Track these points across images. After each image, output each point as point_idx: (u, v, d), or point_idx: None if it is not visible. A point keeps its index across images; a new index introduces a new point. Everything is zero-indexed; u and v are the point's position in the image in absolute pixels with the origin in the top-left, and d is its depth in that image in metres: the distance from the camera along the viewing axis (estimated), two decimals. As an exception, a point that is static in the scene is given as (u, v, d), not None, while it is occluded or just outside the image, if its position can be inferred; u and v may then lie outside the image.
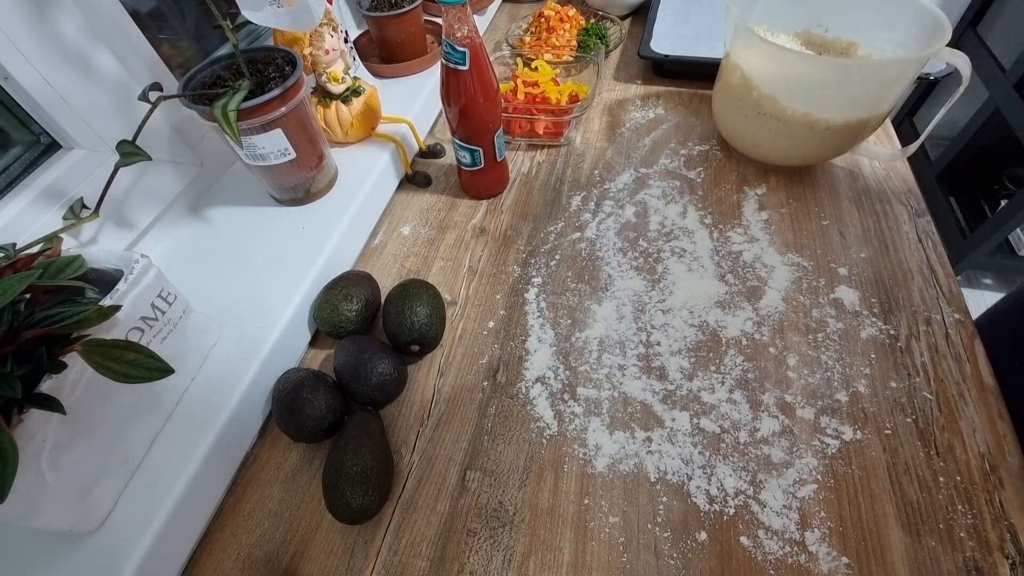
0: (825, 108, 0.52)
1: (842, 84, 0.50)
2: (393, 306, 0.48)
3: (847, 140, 0.56)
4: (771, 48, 0.50)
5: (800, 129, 0.55)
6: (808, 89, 0.52)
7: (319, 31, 0.55)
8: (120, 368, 0.34)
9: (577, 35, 0.82)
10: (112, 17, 0.49)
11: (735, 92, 0.58)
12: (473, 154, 0.59)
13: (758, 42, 0.51)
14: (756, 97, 0.56)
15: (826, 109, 0.52)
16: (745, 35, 0.51)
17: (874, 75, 0.49)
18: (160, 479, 0.39)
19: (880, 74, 0.49)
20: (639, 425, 0.44)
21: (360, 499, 0.38)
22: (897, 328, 0.47)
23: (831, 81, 0.50)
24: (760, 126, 0.57)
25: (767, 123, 0.56)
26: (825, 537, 0.37)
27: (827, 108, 0.52)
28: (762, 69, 0.54)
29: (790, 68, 0.52)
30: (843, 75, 0.49)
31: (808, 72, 0.51)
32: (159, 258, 0.51)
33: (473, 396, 0.47)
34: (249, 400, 0.45)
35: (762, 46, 0.51)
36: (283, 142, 0.51)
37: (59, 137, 0.50)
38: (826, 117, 0.53)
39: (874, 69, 0.49)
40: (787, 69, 0.52)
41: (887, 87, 0.50)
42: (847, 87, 0.50)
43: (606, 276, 0.55)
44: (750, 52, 0.55)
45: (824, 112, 0.53)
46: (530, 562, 0.38)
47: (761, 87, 0.55)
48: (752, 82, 0.55)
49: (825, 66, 0.51)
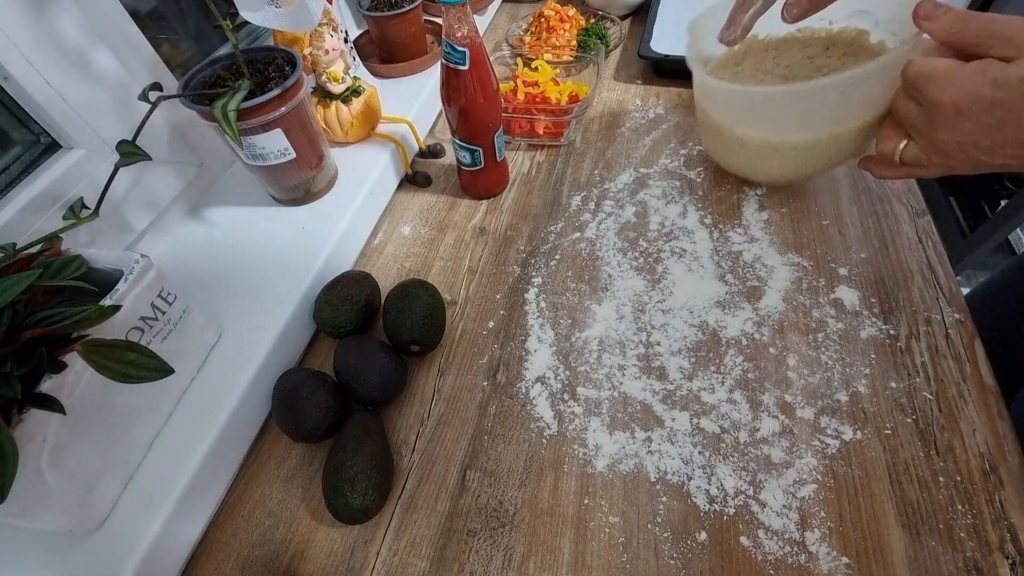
0: (812, 128, 0.45)
1: (823, 103, 0.43)
2: (393, 306, 0.48)
3: (861, 142, 0.48)
4: (726, 90, 0.45)
5: (795, 152, 0.49)
6: (780, 118, 0.45)
7: (319, 31, 0.55)
8: (120, 368, 0.34)
9: (577, 35, 0.82)
10: (112, 17, 0.49)
11: (710, 128, 0.53)
12: (473, 154, 0.59)
13: (714, 85, 0.45)
14: (729, 135, 0.51)
15: (815, 128, 0.45)
16: (699, 80, 0.46)
17: (859, 84, 0.41)
18: (160, 479, 0.39)
19: (866, 81, 0.41)
20: (639, 425, 0.44)
21: (360, 499, 0.38)
22: (897, 328, 0.47)
23: (808, 105, 0.44)
24: (744, 154, 0.53)
25: (754, 153, 0.51)
26: (825, 537, 0.37)
27: (814, 127, 0.45)
28: (726, 108, 0.49)
29: (756, 107, 0.46)
30: (818, 98, 0.43)
31: (777, 106, 0.44)
32: (159, 258, 0.51)
33: (473, 396, 0.47)
34: (249, 400, 0.45)
35: (715, 88, 0.46)
36: (283, 142, 0.51)
37: (59, 137, 0.50)
38: (819, 136, 0.46)
39: (854, 81, 0.40)
40: (755, 108, 0.46)
41: (887, 87, 0.42)
42: (832, 104, 0.43)
43: (606, 276, 0.55)
44: (705, 99, 0.50)
45: (815, 132, 0.46)
46: (530, 562, 0.38)
47: (734, 128, 0.49)
48: (723, 126, 0.50)
49: (791, 96, 0.43)
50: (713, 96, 0.48)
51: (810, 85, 0.41)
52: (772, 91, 0.45)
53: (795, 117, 0.45)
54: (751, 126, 0.47)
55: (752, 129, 0.47)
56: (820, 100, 0.43)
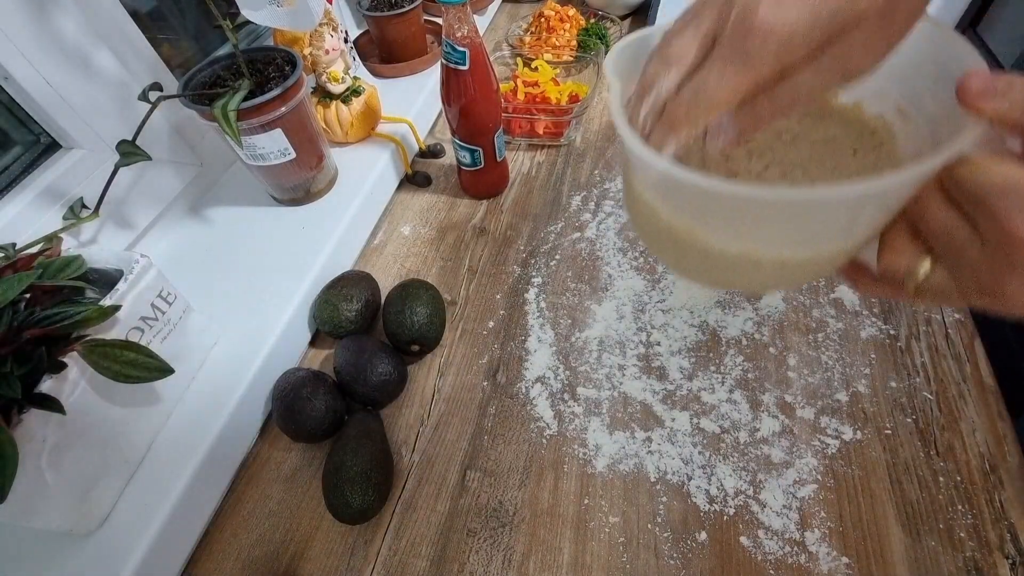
0: (814, 243, 0.28)
1: (840, 212, 0.26)
2: (393, 306, 0.48)
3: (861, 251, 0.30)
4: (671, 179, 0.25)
5: (781, 270, 0.29)
6: (776, 228, 0.28)
7: (319, 31, 0.55)
8: (120, 368, 0.34)
9: (577, 35, 0.82)
10: (112, 17, 0.49)
11: (657, 227, 0.31)
12: (473, 154, 0.59)
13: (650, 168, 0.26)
14: (690, 243, 0.30)
15: (817, 243, 0.28)
16: (645, 161, 0.25)
17: (903, 189, 0.25)
18: (160, 479, 0.39)
19: (869, 201, 0.25)
20: (639, 425, 0.44)
21: (360, 499, 0.38)
22: (897, 328, 0.47)
23: (822, 215, 0.26)
24: (709, 264, 0.31)
25: (725, 266, 0.30)
26: (825, 537, 0.37)
27: (817, 242, 0.28)
28: (695, 209, 0.29)
29: (745, 213, 0.27)
30: (841, 206, 0.25)
31: (778, 214, 0.26)
32: (159, 258, 0.51)
33: (473, 396, 0.47)
34: (249, 400, 0.45)
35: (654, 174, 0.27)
36: (283, 142, 0.51)
37: (59, 137, 0.50)
38: (820, 253, 0.29)
39: (854, 199, 0.23)
40: (742, 214, 0.27)
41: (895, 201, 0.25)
42: (849, 213, 0.27)
43: (606, 276, 0.55)
44: (655, 190, 0.30)
45: (816, 248, 0.29)
46: (530, 562, 0.38)
47: (702, 236, 0.29)
48: (681, 230, 0.30)
49: (806, 204, 0.24)
50: (675, 192, 0.29)
51: (838, 191, 0.22)
52: (785, 196, 0.23)
53: (798, 229, 0.28)
54: (728, 235, 0.29)
55: (730, 240, 0.29)
56: (841, 209, 0.27)
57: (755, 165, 0.35)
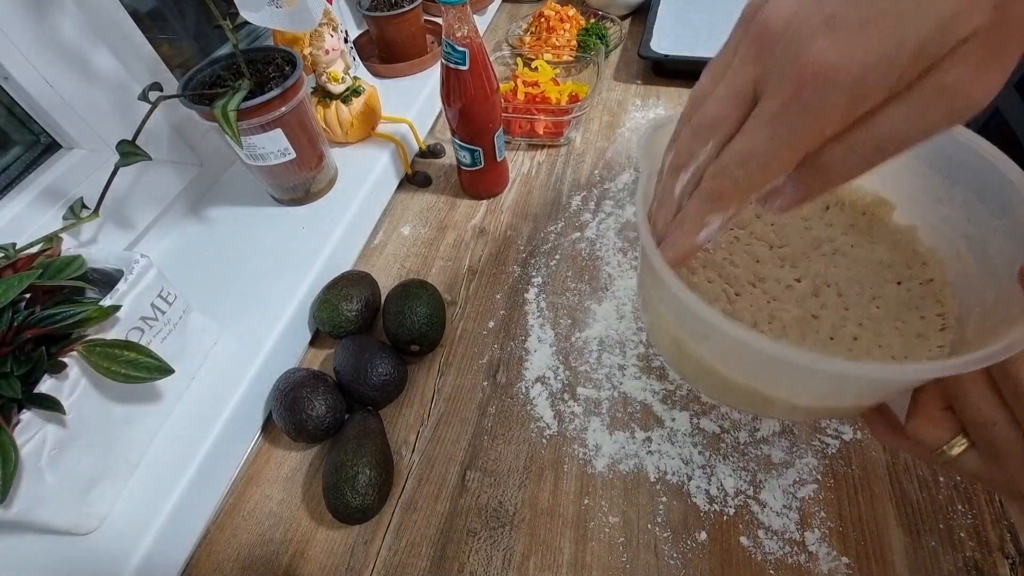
0: (833, 397, 0.26)
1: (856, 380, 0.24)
2: (393, 306, 0.48)
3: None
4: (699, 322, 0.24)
5: (793, 411, 0.28)
6: (793, 379, 0.25)
7: (319, 31, 0.55)
8: (120, 368, 0.34)
9: (577, 35, 0.82)
10: (112, 17, 0.49)
11: (673, 346, 0.29)
12: (473, 154, 0.59)
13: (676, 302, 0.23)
14: (704, 367, 0.28)
15: (836, 397, 0.26)
16: (666, 282, 0.22)
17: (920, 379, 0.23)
18: (160, 479, 0.39)
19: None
20: (639, 425, 0.44)
21: (360, 499, 0.38)
22: (897, 328, 0.47)
23: (838, 381, 0.24)
24: (722, 388, 0.28)
25: (737, 394, 0.28)
26: (825, 537, 0.37)
27: (836, 397, 0.26)
28: (706, 340, 0.27)
29: (758, 359, 0.24)
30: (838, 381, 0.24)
31: (791, 368, 0.23)
32: (159, 258, 0.51)
33: (473, 396, 0.47)
34: (249, 400, 0.45)
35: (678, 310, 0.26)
36: (283, 142, 0.51)
37: (59, 137, 0.51)
38: (841, 405, 0.27)
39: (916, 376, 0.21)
40: (754, 358, 0.25)
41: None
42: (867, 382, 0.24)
43: (606, 276, 0.55)
44: (671, 312, 0.27)
45: (835, 400, 0.26)
46: (530, 562, 0.38)
47: (714, 363, 0.27)
48: (694, 353, 0.27)
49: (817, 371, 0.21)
50: (691, 322, 0.26)
51: (859, 370, 0.20)
52: (794, 359, 0.20)
53: (816, 385, 0.26)
54: (740, 371, 0.27)
55: (741, 374, 0.27)
56: (863, 382, 0.24)
57: (786, 274, 0.30)
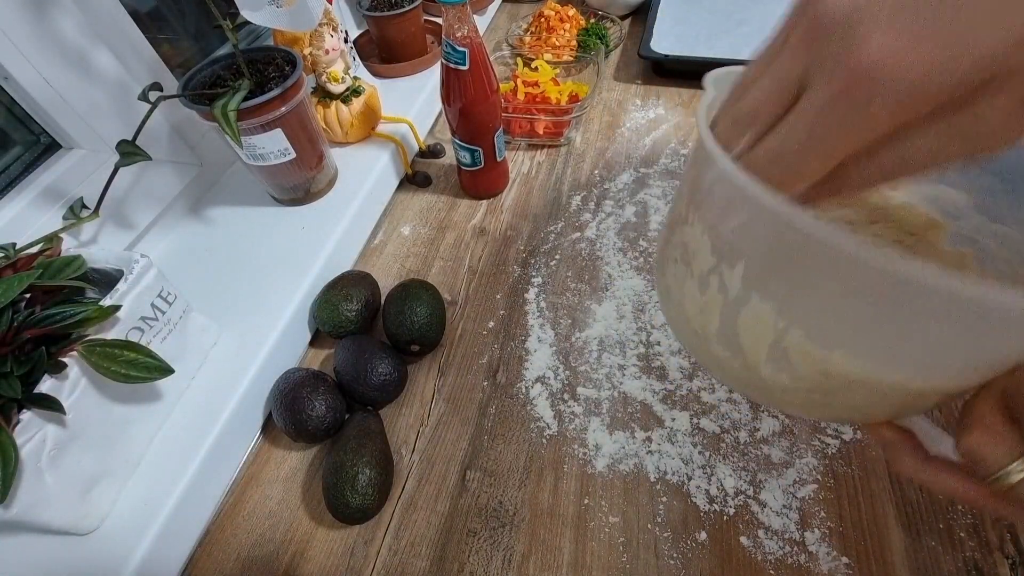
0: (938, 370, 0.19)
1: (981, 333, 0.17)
2: (393, 306, 0.48)
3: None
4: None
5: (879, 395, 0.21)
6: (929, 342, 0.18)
7: (319, 31, 0.55)
8: (120, 368, 0.34)
9: (577, 35, 0.82)
10: (112, 17, 0.49)
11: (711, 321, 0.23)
12: (473, 154, 0.59)
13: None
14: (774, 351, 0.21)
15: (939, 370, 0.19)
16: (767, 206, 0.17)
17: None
18: (160, 479, 0.39)
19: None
20: (639, 425, 0.44)
21: (360, 499, 0.38)
22: (897, 328, 0.47)
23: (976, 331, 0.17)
24: (779, 384, 0.22)
25: (805, 387, 0.21)
26: (825, 537, 0.37)
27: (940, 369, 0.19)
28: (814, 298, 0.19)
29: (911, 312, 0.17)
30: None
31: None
32: (159, 258, 0.51)
33: (473, 396, 0.47)
34: (249, 400, 0.45)
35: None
36: (283, 142, 0.51)
37: (59, 137, 0.51)
38: (942, 386, 0.20)
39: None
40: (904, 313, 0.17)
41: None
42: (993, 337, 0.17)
43: (606, 276, 0.55)
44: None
45: (936, 377, 0.19)
46: (530, 562, 0.38)
47: (807, 343, 0.20)
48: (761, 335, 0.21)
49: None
50: (809, 260, 0.18)
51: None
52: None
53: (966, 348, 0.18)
54: (859, 348, 0.19)
55: (856, 355, 0.19)
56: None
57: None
